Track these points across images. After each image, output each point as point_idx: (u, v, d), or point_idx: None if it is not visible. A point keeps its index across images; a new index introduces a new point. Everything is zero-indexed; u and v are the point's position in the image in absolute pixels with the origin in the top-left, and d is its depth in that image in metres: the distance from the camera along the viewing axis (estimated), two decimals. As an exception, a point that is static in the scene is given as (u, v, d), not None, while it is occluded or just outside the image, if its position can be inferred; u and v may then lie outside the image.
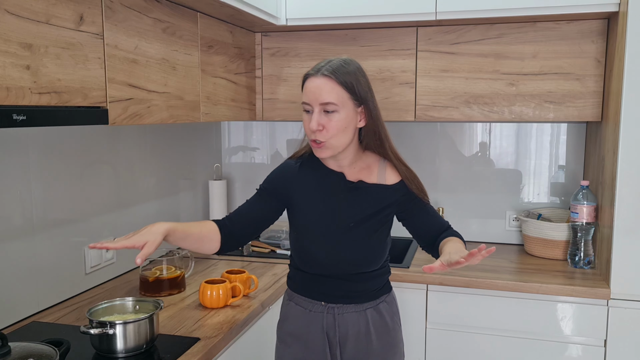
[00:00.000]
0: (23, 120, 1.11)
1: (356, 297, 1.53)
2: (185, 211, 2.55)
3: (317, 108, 1.40)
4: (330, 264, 1.51)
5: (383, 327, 1.55)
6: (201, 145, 2.68)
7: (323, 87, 1.39)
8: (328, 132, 1.40)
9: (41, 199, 1.71)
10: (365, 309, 1.53)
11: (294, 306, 1.59)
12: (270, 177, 1.59)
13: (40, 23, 1.20)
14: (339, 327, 1.52)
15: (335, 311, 1.52)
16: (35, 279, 1.70)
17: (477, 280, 2.04)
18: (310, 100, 1.40)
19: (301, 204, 1.53)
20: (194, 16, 1.87)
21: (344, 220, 1.49)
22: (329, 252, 1.50)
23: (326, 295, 1.53)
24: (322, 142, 1.42)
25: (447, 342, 2.12)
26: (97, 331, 1.37)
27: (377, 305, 1.55)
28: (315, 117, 1.39)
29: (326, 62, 1.43)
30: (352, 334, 1.52)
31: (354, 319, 1.52)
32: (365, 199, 1.50)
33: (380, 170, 1.53)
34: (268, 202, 1.56)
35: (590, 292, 1.94)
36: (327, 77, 1.39)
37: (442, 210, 2.49)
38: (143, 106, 1.59)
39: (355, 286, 1.52)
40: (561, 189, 2.51)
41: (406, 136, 2.64)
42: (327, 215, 1.50)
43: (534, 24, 2.14)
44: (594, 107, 2.12)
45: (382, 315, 1.55)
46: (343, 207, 1.50)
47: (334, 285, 1.52)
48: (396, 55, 2.29)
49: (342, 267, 1.51)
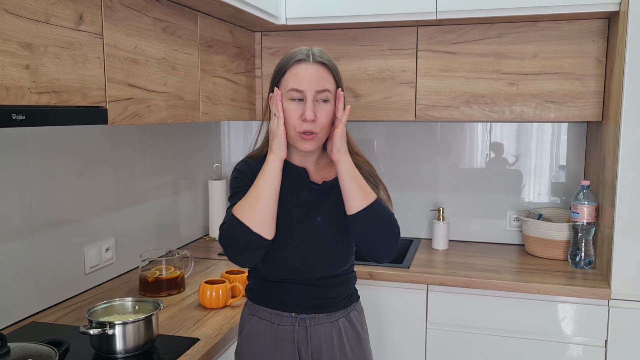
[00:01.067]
0: (22, 120, 1.11)
1: (327, 305, 1.41)
2: (185, 211, 2.55)
3: (311, 96, 1.29)
4: (298, 265, 1.38)
5: (355, 337, 1.45)
6: (201, 145, 2.68)
7: (319, 73, 1.30)
8: (320, 122, 1.30)
9: (41, 199, 1.70)
10: (337, 318, 1.42)
11: (258, 321, 1.43)
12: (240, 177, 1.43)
13: (40, 22, 1.20)
14: (311, 341, 1.39)
15: (307, 323, 1.40)
16: (35, 279, 1.70)
17: (478, 280, 2.04)
18: (305, 87, 1.29)
19: None
20: (193, 16, 1.87)
21: (310, 219, 1.38)
22: (296, 252, 1.37)
23: (296, 306, 1.39)
24: (313, 134, 1.31)
25: (447, 342, 2.12)
26: (96, 331, 1.37)
27: (348, 314, 1.45)
28: (310, 105, 1.29)
29: (307, 49, 1.34)
30: (326, 347, 1.40)
31: (327, 331, 1.41)
32: (330, 197, 1.40)
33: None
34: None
35: (590, 292, 1.94)
36: (321, 65, 1.32)
37: (442, 210, 2.49)
38: (143, 106, 1.59)
39: (325, 292, 1.41)
40: (562, 189, 2.51)
41: (406, 136, 2.64)
42: (292, 214, 1.38)
43: (535, 23, 2.14)
44: (594, 107, 2.12)
45: (354, 325, 1.45)
46: (308, 205, 1.39)
47: (303, 292, 1.40)
48: (396, 54, 2.28)
49: (311, 268, 1.38)
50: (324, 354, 1.40)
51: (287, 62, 1.33)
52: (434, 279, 2.08)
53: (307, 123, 1.30)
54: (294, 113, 1.31)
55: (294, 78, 1.31)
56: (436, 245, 2.48)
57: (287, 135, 1.34)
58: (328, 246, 1.39)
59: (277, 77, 1.36)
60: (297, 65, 1.31)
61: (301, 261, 1.38)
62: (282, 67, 1.34)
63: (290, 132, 1.33)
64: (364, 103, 2.33)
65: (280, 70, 1.35)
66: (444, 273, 2.10)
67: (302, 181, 1.41)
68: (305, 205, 1.39)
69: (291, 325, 1.40)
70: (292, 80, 1.31)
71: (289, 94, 1.31)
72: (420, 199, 2.64)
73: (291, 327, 1.40)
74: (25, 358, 1.18)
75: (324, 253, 1.39)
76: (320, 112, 1.30)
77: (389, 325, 2.16)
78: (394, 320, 2.16)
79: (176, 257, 1.95)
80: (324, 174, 1.44)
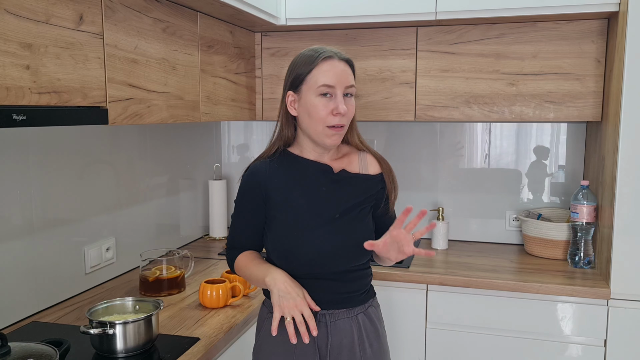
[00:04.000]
0: (23, 120, 1.11)
1: (347, 300, 1.43)
2: (185, 211, 2.55)
3: (341, 91, 1.37)
4: (317, 260, 1.40)
5: (374, 332, 1.47)
6: (201, 145, 2.68)
7: (346, 69, 1.38)
8: (349, 114, 1.39)
9: (41, 199, 1.71)
10: (356, 314, 1.45)
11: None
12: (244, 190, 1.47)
13: (40, 23, 1.20)
14: (331, 337, 1.41)
15: (327, 319, 1.41)
16: (35, 279, 1.70)
17: (477, 280, 2.04)
18: (336, 82, 1.36)
19: (281, 202, 1.43)
20: (194, 16, 1.87)
21: (329, 212, 1.41)
22: (316, 247, 1.39)
23: (315, 301, 1.39)
24: (343, 126, 1.39)
25: (447, 342, 2.12)
26: (97, 331, 1.37)
27: (366, 309, 1.47)
28: (341, 99, 1.36)
29: (329, 48, 1.41)
30: (346, 343, 1.42)
31: (347, 327, 1.42)
32: (349, 189, 1.44)
33: (362, 160, 1.49)
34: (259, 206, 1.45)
35: (590, 292, 1.94)
36: (346, 62, 1.39)
37: (442, 210, 2.49)
38: (143, 106, 1.59)
39: (344, 287, 1.43)
40: (561, 189, 2.51)
41: (406, 136, 2.64)
42: (310, 209, 1.41)
43: (534, 24, 2.14)
44: (594, 107, 2.12)
45: (373, 321, 1.48)
46: (326, 199, 1.43)
47: (322, 288, 1.41)
48: (396, 55, 2.29)
49: (331, 262, 1.40)
50: (344, 349, 1.42)
51: (312, 60, 1.37)
52: (434, 279, 2.08)
53: (339, 117, 1.36)
54: (324, 108, 1.36)
55: (324, 74, 1.36)
56: (436, 245, 2.48)
57: (313, 132, 1.39)
58: (347, 240, 1.41)
59: (302, 75, 1.38)
60: (326, 61, 1.36)
61: (319, 256, 1.40)
62: (308, 65, 1.37)
63: (318, 128, 1.38)
64: (364, 103, 2.34)
65: (305, 68, 1.38)
66: (444, 273, 2.10)
67: (321, 174, 1.45)
68: (324, 200, 1.43)
69: None
70: (323, 76, 1.36)
71: (320, 90, 1.36)
72: (420, 198, 2.64)
73: None
74: (26, 358, 1.18)
75: (343, 246, 1.41)
76: (349, 106, 1.38)
77: (389, 325, 2.16)
78: (393, 320, 2.16)
79: (176, 257, 1.96)
80: (341, 166, 1.48)
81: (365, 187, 1.46)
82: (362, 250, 1.40)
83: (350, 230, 1.42)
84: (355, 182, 1.46)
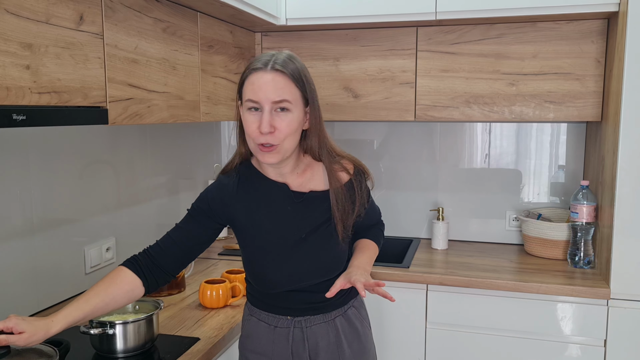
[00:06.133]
0: (23, 120, 1.11)
1: (322, 307, 1.40)
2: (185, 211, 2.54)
3: (268, 107, 1.24)
4: (287, 281, 1.36)
5: (353, 333, 1.44)
6: (201, 145, 2.68)
7: (276, 83, 1.24)
8: (280, 133, 1.25)
9: (41, 199, 1.71)
10: (334, 317, 1.41)
11: (256, 322, 1.43)
12: (205, 196, 1.43)
13: (40, 23, 1.20)
14: (308, 341, 1.39)
15: (303, 324, 1.39)
16: (35, 279, 1.70)
17: (477, 280, 2.04)
18: (260, 97, 1.24)
19: (246, 225, 1.37)
20: (194, 16, 1.87)
21: (295, 234, 1.35)
22: (284, 270, 1.35)
23: (291, 310, 1.39)
24: (273, 146, 1.26)
25: (447, 342, 2.12)
26: (97, 331, 1.37)
27: (345, 312, 1.44)
28: (266, 117, 1.23)
29: (270, 55, 1.28)
30: (323, 346, 1.40)
31: (324, 331, 1.40)
32: (316, 208, 1.37)
33: (329, 174, 1.38)
34: (203, 222, 1.41)
35: (590, 292, 1.94)
36: (279, 72, 1.25)
37: (442, 210, 2.49)
38: (143, 106, 1.59)
39: (319, 296, 1.36)
40: (561, 189, 2.51)
41: (406, 136, 2.64)
42: (276, 231, 1.35)
43: (534, 24, 2.14)
44: (594, 107, 2.12)
45: (352, 322, 1.44)
46: (292, 220, 1.36)
47: (298, 299, 1.38)
48: (396, 55, 2.29)
49: (302, 280, 1.37)
50: (320, 351, 1.40)
51: (246, 69, 1.29)
52: (434, 279, 2.08)
53: (264, 136, 1.25)
54: (252, 124, 1.26)
55: (250, 88, 1.26)
56: (436, 245, 2.48)
57: (251, 149, 1.31)
58: (317, 258, 1.37)
59: (239, 85, 1.32)
60: (254, 74, 1.27)
61: (290, 277, 1.36)
62: (242, 75, 1.30)
63: (252, 145, 1.29)
64: (364, 103, 2.34)
65: (241, 78, 1.31)
66: (444, 273, 2.10)
67: (285, 195, 1.37)
68: (290, 220, 1.36)
69: (287, 327, 1.40)
70: (249, 90, 1.26)
71: (246, 104, 1.27)
72: (420, 198, 2.65)
73: (287, 329, 1.40)
74: (26, 357, 1.18)
75: (313, 265, 1.37)
76: (280, 122, 1.25)
77: (389, 325, 2.17)
78: (393, 319, 2.16)
79: (176, 257, 1.95)
80: (304, 180, 1.39)
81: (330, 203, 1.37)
82: (332, 266, 1.38)
83: (319, 247, 1.37)
84: (322, 199, 1.37)
